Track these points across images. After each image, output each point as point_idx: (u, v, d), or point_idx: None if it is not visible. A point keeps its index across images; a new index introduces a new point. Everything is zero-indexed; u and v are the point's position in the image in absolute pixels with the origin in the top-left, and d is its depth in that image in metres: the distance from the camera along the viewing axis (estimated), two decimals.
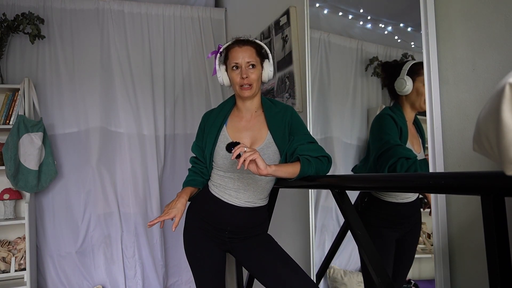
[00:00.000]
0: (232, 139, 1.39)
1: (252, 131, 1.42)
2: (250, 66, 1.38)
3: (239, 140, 1.37)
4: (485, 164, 0.99)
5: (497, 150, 0.54)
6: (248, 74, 1.37)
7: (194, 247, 1.47)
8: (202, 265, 1.45)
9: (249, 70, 1.38)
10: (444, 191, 0.96)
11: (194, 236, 1.48)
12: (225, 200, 1.40)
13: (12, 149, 2.52)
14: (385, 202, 1.40)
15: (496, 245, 0.63)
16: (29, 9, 2.75)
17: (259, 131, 1.42)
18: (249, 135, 1.42)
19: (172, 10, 3.12)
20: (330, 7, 1.78)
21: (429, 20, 1.13)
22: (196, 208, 1.49)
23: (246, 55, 1.38)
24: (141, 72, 2.99)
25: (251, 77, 1.37)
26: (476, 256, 1.02)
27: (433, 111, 1.12)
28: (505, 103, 0.51)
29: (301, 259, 1.96)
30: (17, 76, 2.77)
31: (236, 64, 1.38)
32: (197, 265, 1.47)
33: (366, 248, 1.01)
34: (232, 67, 1.39)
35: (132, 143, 2.90)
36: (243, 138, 1.40)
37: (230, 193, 1.40)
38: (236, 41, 1.42)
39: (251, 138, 1.41)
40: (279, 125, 1.41)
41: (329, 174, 1.37)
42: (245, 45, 1.40)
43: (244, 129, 1.43)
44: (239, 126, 1.44)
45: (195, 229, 1.48)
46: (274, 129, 1.40)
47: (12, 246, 2.69)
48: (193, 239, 1.48)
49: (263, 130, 1.42)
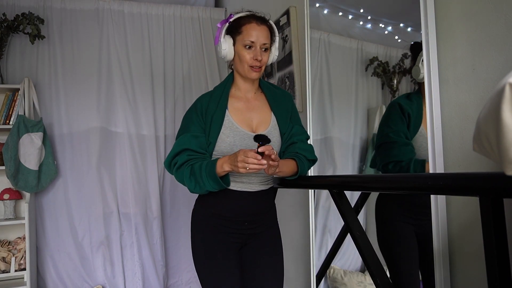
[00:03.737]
0: (237, 123, 1.33)
1: (255, 112, 1.37)
2: (264, 49, 1.32)
3: (249, 122, 1.35)
4: (485, 164, 0.98)
5: (497, 150, 0.54)
6: (262, 56, 1.30)
7: (214, 249, 1.35)
8: (225, 267, 1.32)
9: (263, 53, 1.32)
10: (442, 192, 0.96)
11: (210, 237, 1.36)
12: (239, 189, 1.34)
13: (12, 149, 2.52)
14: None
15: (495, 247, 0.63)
16: (29, 9, 2.75)
17: (262, 112, 1.38)
18: (255, 117, 1.36)
19: (172, 10, 3.11)
20: (330, 7, 1.78)
21: (429, 20, 1.13)
22: (207, 207, 1.38)
23: (263, 35, 1.30)
24: (141, 72, 2.99)
25: (264, 60, 1.32)
26: (476, 256, 1.02)
27: (433, 111, 1.12)
28: (505, 103, 0.51)
29: (301, 259, 1.96)
30: (17, 76, 2.77)
31: (251, 43, 1.30)
32: (218, 267, 1.32)
33: (364, 249, 1.01)
34: (246, 45, 1.30)
35: (132, 143, 2.90)
36: (251, 120, 1.35)
37: (242, 180, 1.34)
38: (254, 17, 1.33)
39: (258, 120, 1.36)
40: (282, 109, 1.39)
41: (328, 175, 1.37)
42: (263, 24, 1.32)
43: (247, 111, 1.37)
44: (241, 107, 1.37)
45: (210, 229, 1.36)
46: (278, 113, 1.38)
47: (12, 246, 2.69)
48: (210, 241, 1.36)
49: (267, 112, 1.39)
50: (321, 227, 1.79)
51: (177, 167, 1.31)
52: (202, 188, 1.28)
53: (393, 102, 1.41)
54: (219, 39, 1.34)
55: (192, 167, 1.28)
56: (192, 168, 1.28)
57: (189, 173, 1.28)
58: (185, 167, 1.29)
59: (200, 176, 1.26)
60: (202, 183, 1.26)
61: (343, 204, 1.15)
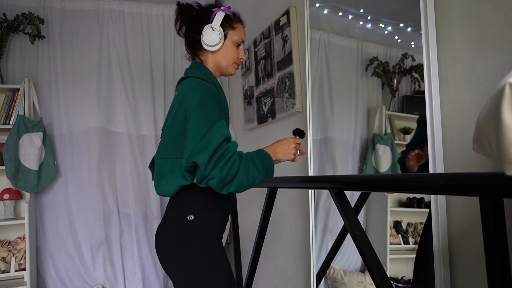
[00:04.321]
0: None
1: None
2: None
3: None
4: (485, 164, 0.98)
5: (497, 150, 0.54)
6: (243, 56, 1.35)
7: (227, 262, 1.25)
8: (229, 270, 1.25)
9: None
10: (442, 192, 0.96)
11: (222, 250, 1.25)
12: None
13: (12, 149, 2.52)
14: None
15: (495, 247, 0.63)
16: (29, 9, 2.75)
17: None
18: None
19: (172, 10, 3.10)
20: (330, 7, 1.78)
21: (429, 20, 1.13)
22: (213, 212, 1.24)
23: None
24: (141, 72, 2.99)
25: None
26: (476, 256, 1.02)
27: (433, 111, 1.12)
28: (505, 103, 0.51)
29: (301, 259, 1.96)
30: (17, 76, 2.77)
31: (242, 41, 1.33)
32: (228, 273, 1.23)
33: (365, 248, 1.01)
34: (237, 43, 1.32)
35: (132, 143, 2.90)
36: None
37: None
38: (241, 19, 1.36)
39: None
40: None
41: (328, 175, 1.37)
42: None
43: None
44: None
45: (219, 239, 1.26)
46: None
47: (12, 246, 2.69)
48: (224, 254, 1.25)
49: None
50: (321, 227, 1.79)
51: (227, 158, 1.11)
52: (250, 184, 1.14)
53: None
54: (213, 26, 1.27)
55: (246, 158, 1.14)
56: (245, 159, 1.14)
57: (245, 166, 1.13)
58: (237, 157, 1.13)
59: (255, 167, 1.14)
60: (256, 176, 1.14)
61: (343, 204, 1.15)
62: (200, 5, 1.34)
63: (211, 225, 1.22)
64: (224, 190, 1.12)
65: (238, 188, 1.13)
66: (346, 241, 1.57)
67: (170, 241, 1.21)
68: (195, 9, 1.33)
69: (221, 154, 1.10)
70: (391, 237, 1.49)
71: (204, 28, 1.28)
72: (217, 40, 1.27)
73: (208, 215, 1.21)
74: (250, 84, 2.59)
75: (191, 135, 1.12)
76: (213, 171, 1.08)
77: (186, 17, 1.34)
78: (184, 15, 1.34)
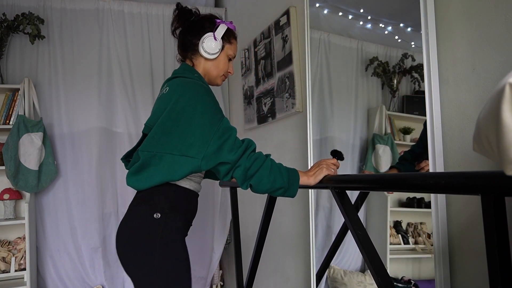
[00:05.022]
0: None
1: None
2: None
3: None
4: (485, 164, 0.99)
5: (497, 150, 0.54)
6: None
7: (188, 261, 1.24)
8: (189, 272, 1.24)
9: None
10: (444, 191, 0.96)
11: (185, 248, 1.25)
12: (196, 190, 1.31)
13: (12, 149, 2.52)
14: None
15: (496, 245, 0.63)
16: (29, 9, 2.75)
17: None
18: None
19: (172, 10, 3.11)
20: (330, 7, 1.78)
21: (429, 20, 1.13)
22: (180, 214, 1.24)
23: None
24: (141, 72, 2.99)
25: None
26: (476, 256, 1.02)
27: (433, 111, 1.12)
28: (505, 103, 0.51)
29: (301, 259, 1.96)
30: (17, 76, 2.77)
31: (234, 56, 1.38)
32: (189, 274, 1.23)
33: (366, 248, 1.01)
34: (230, 56, 1.37)
35: (132, 143, 2.90)
36: None
37: (198, 180, 1.32)
38: (236, 36, 1.40)
39: None
40: None
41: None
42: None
43: None
44: None
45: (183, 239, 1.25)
46: None
47: (12, 246, 2.69)
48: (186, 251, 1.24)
49: None
50: (324, 228, 1.79)
51: (252, 149, 1.15)
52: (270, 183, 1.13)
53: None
54: (216, 36, 1.31)
55: (270, 158, 1.16)
56: (270, 158, 1.15)
57: (269, 164, 1.14)
58: (261, 154, 1.15)
59: (278, 170, 1.14)
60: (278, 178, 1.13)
61: (345, 204, 1.15)
62: (200, 13, 1.38)
63: (177, 225, 1.21)
64: (245, 184, 1.14)
65: (259, 184, 1.13)
66: (346, 241, 1.57)
67: (134, 238, 1.19)
68: (195, 15, 1.36)
69: (247, 145, 1.14)
70: (391, 237, 1.49)
71: (205, 35, 1.30)
72: (217, 50, 1.31)
73: (173, 215, 1.20)
74: (250, 84, 2.59)
75: (204, 131, 1.13)
76: (241, 159, 1.11)
77: (184, 20, 1.36)
78: (183, 18, 1.36)
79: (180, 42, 1.38)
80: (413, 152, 1.33)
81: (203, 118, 1.14)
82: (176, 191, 1.23)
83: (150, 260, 1.15)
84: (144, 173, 1.20)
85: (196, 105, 1.15)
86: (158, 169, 1.18)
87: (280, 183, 1.14)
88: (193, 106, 1.15)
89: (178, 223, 1.22)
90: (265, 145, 2.39)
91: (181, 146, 1.14)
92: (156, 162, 1.18)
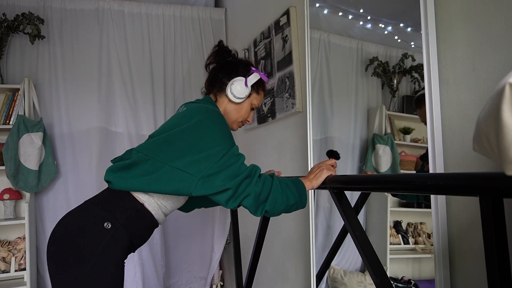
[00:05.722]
0: None
1: None
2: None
3: None
4: (485, 164, 0.98)
5: (497, 150, 0.54)
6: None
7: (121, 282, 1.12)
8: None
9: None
10: (442, 192, 0.96)
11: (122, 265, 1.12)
12: (160, 224, 1.23)
13: (12, 149, 2.52)
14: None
15: (495, 247, 0.63)
16: (29, 9, 2.75)
17: None
18: None
19: (172, 10, 3.11)
20: (330, 7, 1.78)
21: (429, 20, 1.13)
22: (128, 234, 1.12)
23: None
24: (141, 72, 2.99)
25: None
26: (476, 256, 1.02)
27: (433, 111, 1.12)
28: (505, 103, 0.51)
29: (301, 259, 1.96)
30: (17, 76, 2.77)
31: (257, 107, 1.38)
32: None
33: (365, 248, 1.01)
34: (253, 107, 1.36)
35: (132, 143, 2.90)
36: None
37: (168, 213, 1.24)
38: (266, 89, 1.41)
39: None
40: None
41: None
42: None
43: None
44: None
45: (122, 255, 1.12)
46: None
47: (12, 246, 2.69)
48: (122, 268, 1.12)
49: None
50: (324, 228, 1.79)
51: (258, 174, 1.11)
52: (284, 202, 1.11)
53: None
54: (247, 82, 1.30)
55: (276, 178, 1.13)
56: (275, 178, 1.13)
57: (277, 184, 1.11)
58: (267, 176, 1.12)
59: (287, 187, 1.12)
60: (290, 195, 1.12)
61: (343, 204, 1.15)
62: (237, 55, 1.39)
63: (123, 244, 1.09)
64: (259, 210, 1.09)
65: (274, 206, 1.09)
66: (346, 241, 1.57)
67: (72, 237, 1.07)
68: (233, 56, 1.37)
69: (252, 172, 1.10)
70: (391, 237, 1.49)
71: (237, 78, 1.30)
72: (243, 95, 1.30)
73: (124, 232, 1.09)
74: None
75: (212, 151, 1.08)
76: (248, 188, 1.06)
77: (221, 58, 1.36)
78: (221, 56, 1.36)
79: (210, 77, 1.37)
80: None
81: (214, 140, 1.10)
82: (139, 211, 1.13)
83: (79, 269, 1.03)
84: (129, 172, 1.11)
85: (209, 126, 1.12)
86: (146, 173, 1.10)
87: (293, 199, 1.12)
88: (206, 126, 1.12)
89: (125, 243, 1.10)
90: (265, 145, 2.39)
91: (183, 160, 1.07)
92: (148, 167, 1.10)
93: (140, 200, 1.13)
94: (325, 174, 1.20)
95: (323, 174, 1.20)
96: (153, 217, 1.17)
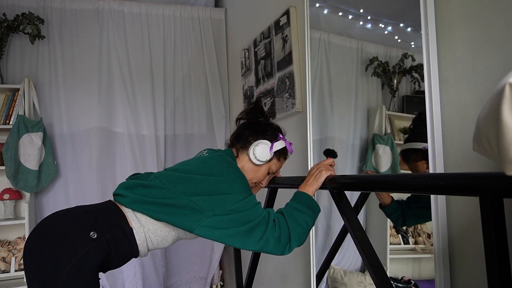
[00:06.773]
0: None
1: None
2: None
3: None
4: (485, 164, 0.98)
5: (497, 150, 0.54)
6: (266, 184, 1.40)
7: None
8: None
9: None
10: (442, 192, 0.96)
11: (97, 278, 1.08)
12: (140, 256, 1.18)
13: (12, 149, 2.52)
14: None
15: (495, 247, 0.63)
16: (29, 9, 2.75)
17: None
18: None
19: (172, 10, 3.12)
20: (330, 7, 1.78)
21: (429, 20, 1.13)
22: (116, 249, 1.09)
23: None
24: (141, 72, 3.00)
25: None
26: (476, 256, 1.02)
27: (433, 111, 1.12)
28: (505, 103, 0.51)
29: (301, 259, 1.96)
30: (17, 76, 2.77)
31: (274, 172, 1.38)
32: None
33: (365, 248, 1.01)
34: (271, 172, 1.35)
35: (132, 143, 2.90)
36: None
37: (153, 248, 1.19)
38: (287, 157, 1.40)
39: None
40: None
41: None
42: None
43: None
44: None
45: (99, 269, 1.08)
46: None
47: (12, 246, 2.69)
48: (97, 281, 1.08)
49: None
50: (324, 228, 1.79)
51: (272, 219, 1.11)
52: (305, 229, 1.12)
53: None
54: (272, 148, 1.30)
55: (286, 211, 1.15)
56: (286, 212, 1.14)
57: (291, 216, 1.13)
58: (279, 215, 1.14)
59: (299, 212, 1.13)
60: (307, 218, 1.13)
61: (343, 204, 1.15)
62: (269, 119, 1.40)
63: (101, 256, 1.05)
64: (287, 250, 1.09)
65: (299, 240, 1.10)
66: (346, 241, 1.57)
67: (54, 240, 1.04)
68: (265, 118, 1.37)
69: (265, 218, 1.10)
70: (391, 237, 1.49)
71: (262, 141, 1.29)
72: (265, 159, 1.29)
73: (107, 246, 1.06)
74: (250, 84, 2.59)
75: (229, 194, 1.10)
76: (265, 235, 1.07)
77: (254, 116, 1.37)
78: (253, 114, 1.37)
79: (237, 132, 1.37)
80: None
81: (232, 187, 1.12)
82: (126, 235, 1.10)
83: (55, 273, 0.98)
84: (139, 191, 1.13)
85: (231, 173, 1.16)
86: (157, 198, 1.10)
87: (309, 218, 1.14)
88: (228, 173, 1.16)
89: (103, 257, 1.06)
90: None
91: (198, 196, 1.09)
92: (161, 194, 1.11)
93: (131, 225, 1.11)
94: (324, 175, 1.21)
95: (322, 175, 1.21)
96: (136, 246, 1.13)
